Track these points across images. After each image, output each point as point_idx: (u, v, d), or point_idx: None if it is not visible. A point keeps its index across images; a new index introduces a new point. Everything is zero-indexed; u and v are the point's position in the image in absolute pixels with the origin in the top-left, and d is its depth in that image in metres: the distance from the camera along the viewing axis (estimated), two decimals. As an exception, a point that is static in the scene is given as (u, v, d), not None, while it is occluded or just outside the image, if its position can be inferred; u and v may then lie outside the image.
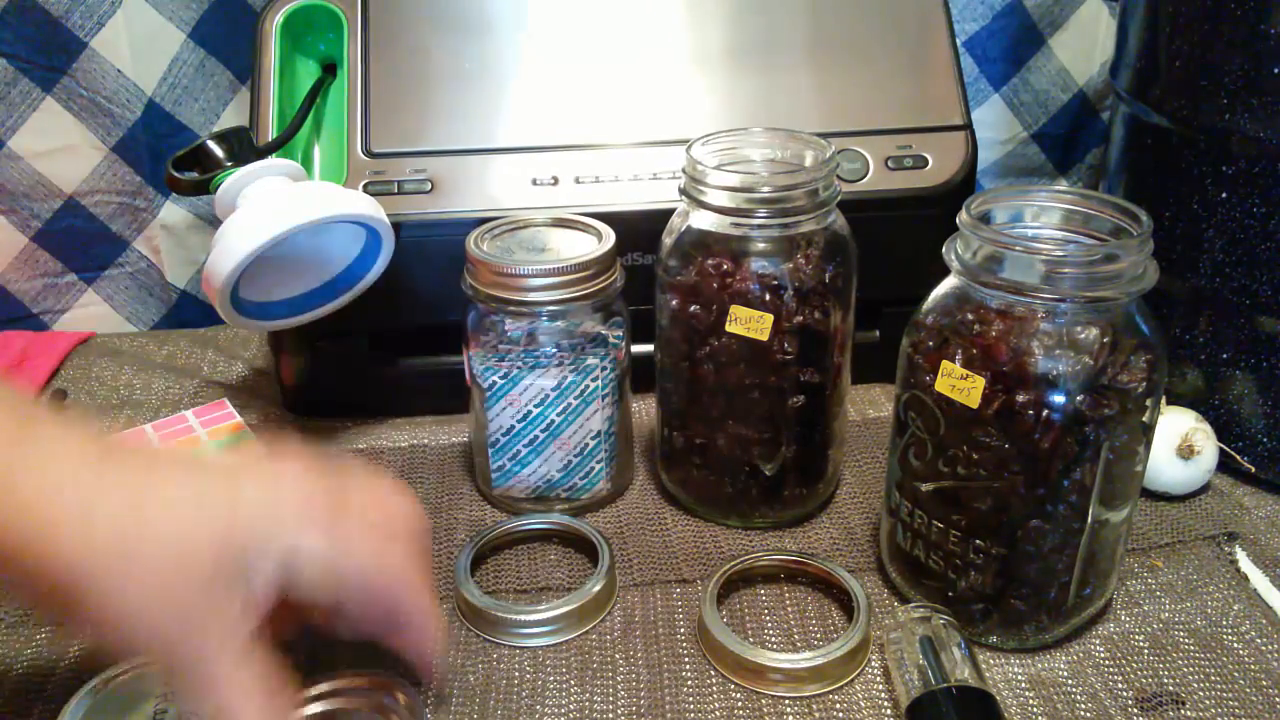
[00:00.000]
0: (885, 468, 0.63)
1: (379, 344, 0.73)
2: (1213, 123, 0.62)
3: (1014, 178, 0.98)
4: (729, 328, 0.57)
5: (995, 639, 0.54)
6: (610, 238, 0.61)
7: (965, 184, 0.72)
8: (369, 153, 0.70)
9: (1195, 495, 0.65)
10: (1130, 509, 0.53)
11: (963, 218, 0.50)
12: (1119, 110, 0.72)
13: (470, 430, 0.67)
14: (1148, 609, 0.57)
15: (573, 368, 0.60)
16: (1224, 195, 0.62)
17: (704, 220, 0.58)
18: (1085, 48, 0.92)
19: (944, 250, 0.51)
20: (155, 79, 0.84)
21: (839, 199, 0.58)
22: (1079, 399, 0.47)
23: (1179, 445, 0.63)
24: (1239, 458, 0.66)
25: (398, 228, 0.66)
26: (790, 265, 0.57)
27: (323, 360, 0.73)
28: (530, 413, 0.61)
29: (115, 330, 0.91)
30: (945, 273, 0.51)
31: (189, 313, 0.93)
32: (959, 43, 0.83)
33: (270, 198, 0.60)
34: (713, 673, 0.53)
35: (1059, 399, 0.47)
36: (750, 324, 0.56)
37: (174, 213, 0.89)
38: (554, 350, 0.60)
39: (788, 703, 0.51)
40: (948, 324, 0.51)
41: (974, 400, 0.49)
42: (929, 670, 0.49)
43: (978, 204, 0.51)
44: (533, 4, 0.74)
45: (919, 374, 0.52)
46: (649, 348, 0.64)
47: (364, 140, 0.70)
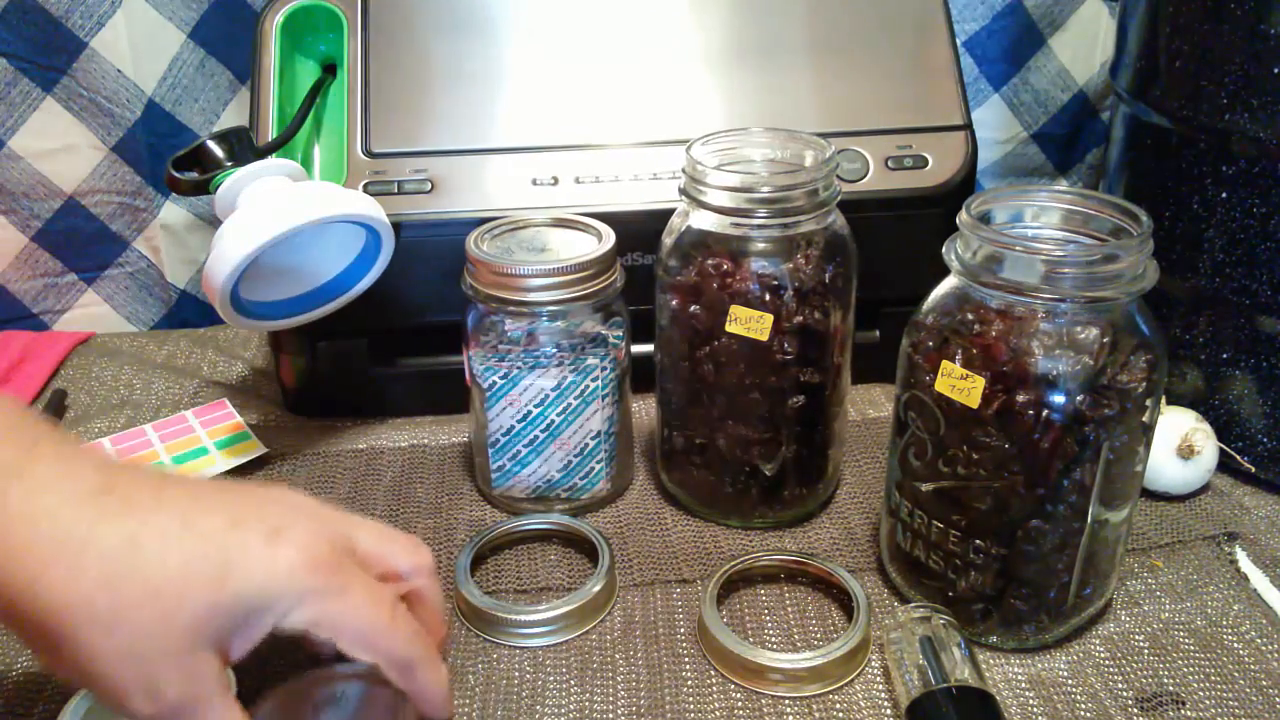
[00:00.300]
0: (885, 468, 0.63)
1: (379, 344, 0.73)
2: (1213, 122, 0.62)
3: (1014, 178, 0.98)
4: (729, 328, 0.57)
5: (995, 639, 0.54)
6: (610, 238, 0.61)
7: (965, 184, 0.72)
8: (369, 153, 0.70)
9: (1195, 495, 0.65)
10: (1130, 509, 0.53)
11: (963, 218, 0.50)
12: (1119, 110, 0.72)
13: (470, 430, 0.67)
14: (1148, 609, 0.57)
15: (573, 368, 0.60)
16: (1224, 195, 0.62)
17: (704, 220, 0.58)
18: (1085, 47, 0.92)
19: (944, 250, 0.51)
20: (155, 79, 0.84)
21: (839, 199, 0.58)
22: (1079, 399, 0.47)
23: (1179, 445, 0.63)
24: (1239, 458, 0.66)
25: (398, 228, 0.65)
26: (790, 265, 0.57)
27: (323, 360, 0.73)
28: (530, 413, 0.61)
29: (115, 330, 0.91)
30: (945, 273, 0.51)
31: (189, 313, 0.93)
32: (959, 42, 0.83)
33: (270, 198, 0.60)
34: (713, 673, 0.53)
35: (1059, 399, 0.47)
36: (750, 324, 0.56)
37: (174, 213, 0.89)
38: (554, 350, 0.60)
39: (788, 703, 0.51)
40: (948, 324, 0.51)
41: (974, 400, 0.49)
42: (929, 670, 0.49)
43: (978, 204, 0.51)
44: (533, 4, 0.74)
45: (919, 374, 0.52)
46: (649, 348, 0.64)
47: (364, 140, 0.70)
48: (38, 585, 0.37)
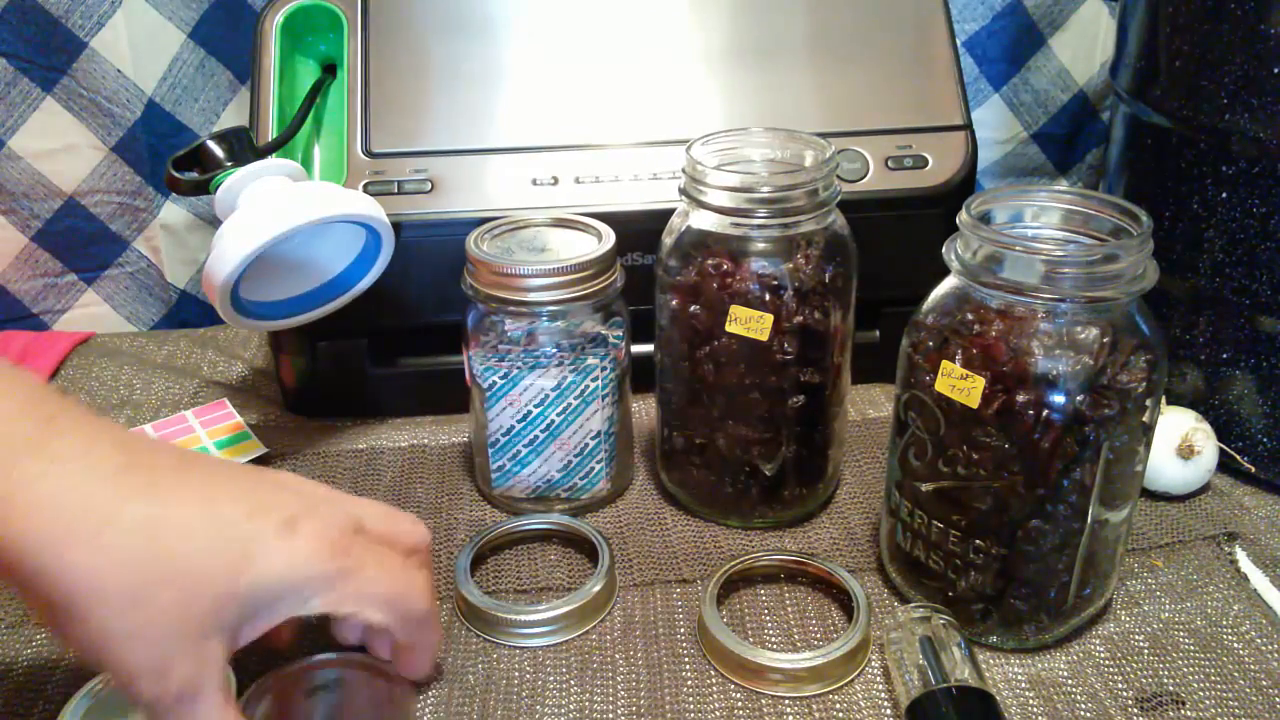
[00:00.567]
0: (885, 468, 0.63)
1: (379, 344, 0.73)
2: (1213, 122, 0.62)
3: (1014, 178, 0.98)
4: (729, 328, 0.57)
5: (995, 639, 0.54)
6: (610, 238, 0.61)
7: (965, 184, 0.72)
8: (369, 153, 0.70)
9: (1195, 495, 0.65)
10: (1130, 509, 0.53)
11: (963, 218, 0.50)
12: (1119, 110, 0.72)
13: (470, 430, 0.67)
14: (1148, 609, 0.57)
15: (573, 368, 0.60)
16: (1224, 195, 0.62)
17: (704, 220, 0.58)
18: (1085, 47, 0.92)
19: (944, 250, 0.51)
20: (155, 79, 0.84)
21: (839, 199, 0.58)
22: (1079, 399, 0.47)
23: (1179, 445, 0.63)
24: (1239, 458, 0.66)
25: (398, 228, 0.66)
26: (790, 265, 0.57)
27: (323, 360, 0.73)
28: (530, 413, 0.61)
29: (115, 330, 0.91)
30: (945, 273, 0.51)
31: (189, 313, 0.93)
32: (959, 43, 0.83)
33: (270, 198, 0.60)
34: (713, 673, 0.53)
35: (1059, 399, 0.47)
36: (750, 324, 0.56)
37: (174, 213, 0.89)
38: (554, 350, 0.60)
39: (788, 703, 0.51)
40: (948, 324, 0.51)
41: (974, 400, 0.49)
42: (929, 670, 0.49)
43: (978, 204, 0.51)
44: (533, 4, 0.74)
45: (919, 374, 0.52)
46: (649, 348, 0.64)
47: (364, 140, 0.70)
48: (58, 561, 0.37)
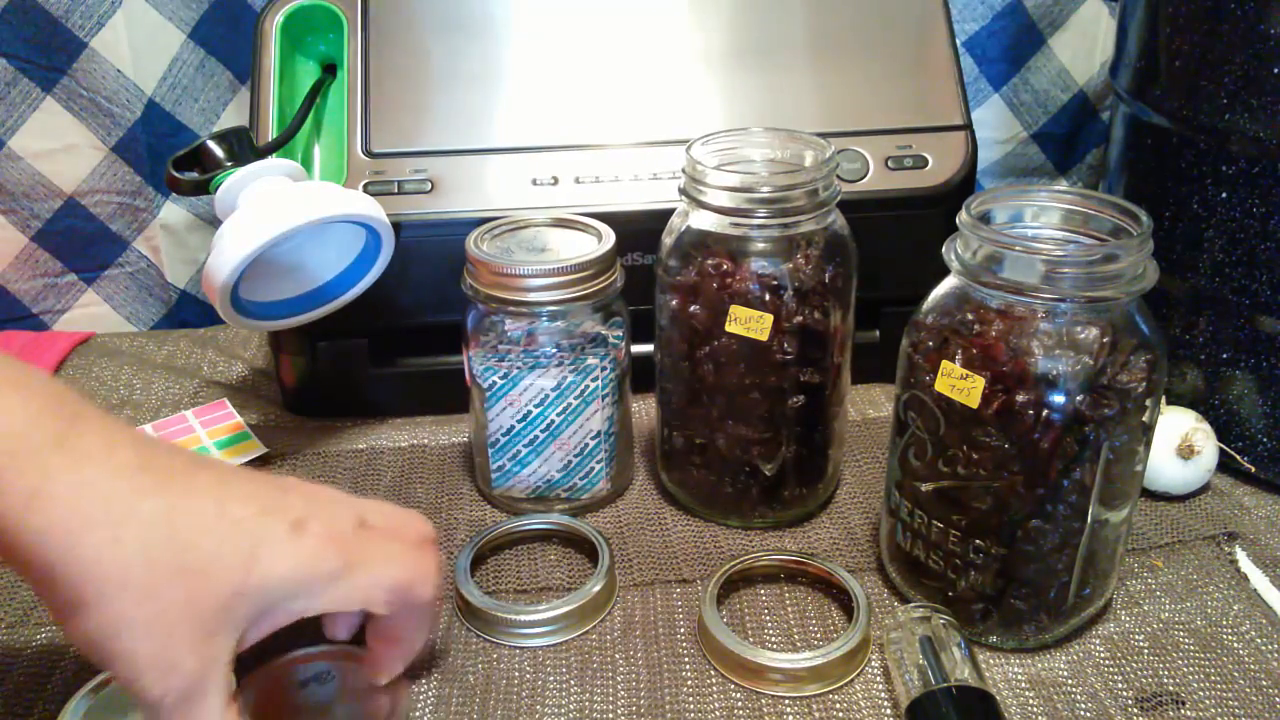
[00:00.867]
0: (885, 468, 0.63)
1: (379, 344, 0.73)
2: (1213, 122, 0.62)
3: (1014, 178, 0.98)
4: (729, 328, 0.57)
5: (995, 639, 0.54)
6: (610, 238, 0.61)
7: (965, 184, 0.72)
8: (369, 153, 0.70)
9: (1195, 495, 0.65)
10: (1130, 509, 0.53)
11: (962, 218, 0.50)
12: (1119, 110, 0.72)
13: (470, 430, 0.67)
14: (1148, 609, 0.57)
15: (573, 368, 0.60)
16: (1224, 195, 0.62)
17: (704, 220, 0.58)
18: (1085, 47, 0.92)
19: (944, 250, 0.51)
20: (155, 79, 0.84)
21: (839, 199, 0.58)
22: (1079, 399, 0.47)
23: (1179, 445, 0.63)
24: (1239, 457, 0.66)
25: (398, 228, 0.66)
26: (790, 265, 0.57)
27: (323, 360, 0.73)
28: (530, 413, 0.61)
29: (115, 330, 0.91)
30: (945, 273, 0.51)
31: (189, 313, 0.93)
32: (959, 43, 0.83)
33: (270, 198, 0.60)
34: (713, 673, 0.53)
35: (1059, 399, 0.47)
36: (750, 324, 0.56)
37: (174, 213, 0.89)
38: (554, 350, 0.60)
39: (787, 703, 0.51)
40: (947, 324, 0.51)
41: (974, 400, 0.49)
42: (929, 670, 0.49)
43: (977, 204, 0.51)
44: (533, 4, 0.74)
45: (919, 374, 0.52)
46: (649, 348, 0.64)
47: (364, 140, 0.70)
48: (75, 551, 0.37)
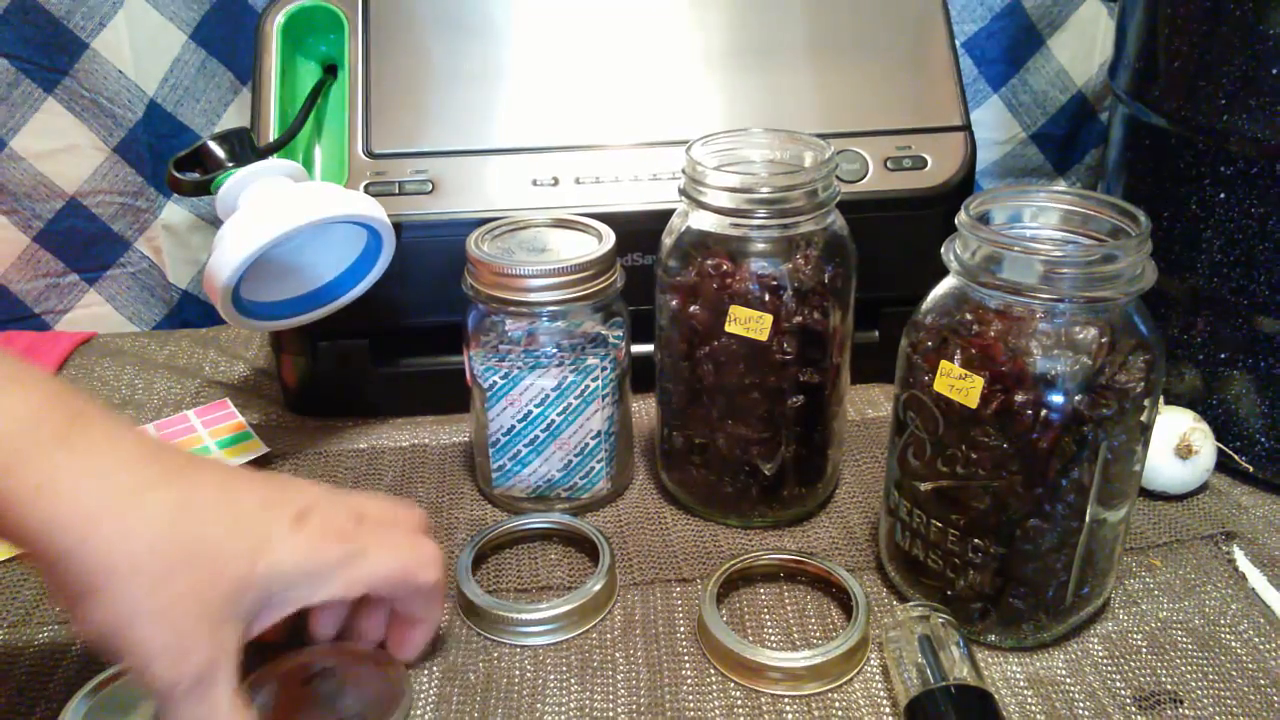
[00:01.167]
0: (884, 467, 0.63)
1: (380, 344, 0.73)
2: (1211, 123, 0.62)
3: (1013, 178, 0.98)
4: (728, 328, 0.57)
5: (994, 638, 0.54)
6: (610, 238, 0.61)
7: (964, 184, 0.72)
8: (370, 153, 0.70)
9: (1193, 495, 0.66)
10: (1128, 508, 0.53)
11: (961, 218, 0.50)
12: (1117, 111, 0.72)
13: (471, 430, 0.68)
14: (1146, 608, 0.57)
15: (573, 368, 0.61)
16: (1222, 196, 0.62)
17: (704, 221, 0.58)
18: (1084, 48, 0.93)
19: (943, 250, 0.51)
20: (157, 80, 0.84)
21: (838, 199, 0.58)
22: (1077, 399, 0.48)
23: (1177, 445, 0.63)
24: (1237, 457, 0.66)
25: (399, 228, 0.66)
26: (789, 265, 0.57)
27: (324, 360, 0.73)
28: (530, 413, 0.62)
29: (117, 330, 0.91)
30: (944, 273, 0.51)
31: (190, 313, 0.93)
32: (958, 43, 0.84)
33: (271, 198, 0.60)
34: (712, 671, 0.53)
35: (1057, 399, 0.48)
36: (750, 324, 0.57)
37: (175, 213, 0.89)
38: (554, 350, 0.60)
39: (787, 701, 0.51)
40: (946, 324, 0.51)
41: (972, 400, 0.49)
42: (928, 669, 0.49)
43: (976, 204, 0.51)
44: (533, 5, 0.74)
45: (918, 374, 0.52)
46: (649, 348, 0.64)
47: (365, 141, 0.70)
48: (86, 542, 0.38)
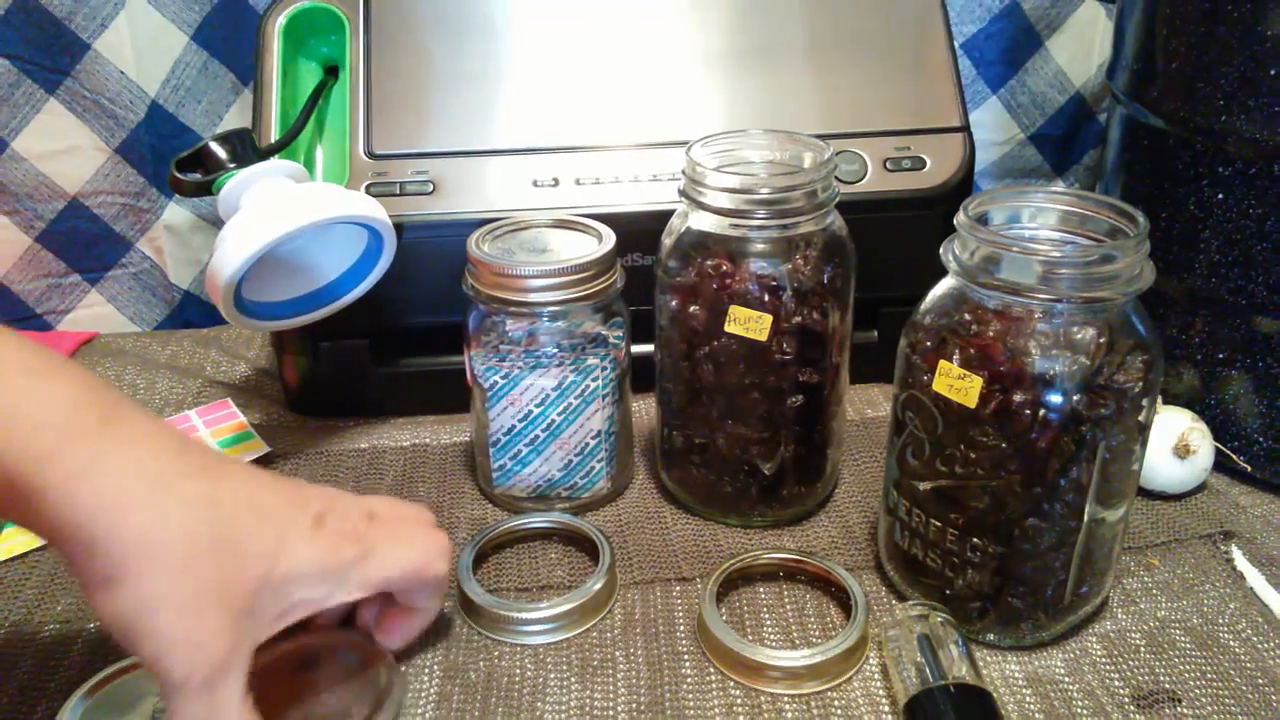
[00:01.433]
0: (883, 467, 0.63)
1: (381, 344, 0.73)
2: (1209, 124, 0.62)
3: (1011, 179, 0.98)
4: (728, 328, 0.57)
5: (992, 637, 0.54)
6: (610, 239, 0.61)
7: (963, 185, 0.72)
8: (371, 154, 0.70)
9: (1191, 494, 0.66)
10: (1126, 508, 0.53)
11: (960, 219, 0.50)
12: (1116, 112, 0.73)
13: (471, 430, 0.68)
14: (1144, 607, 0.57)
15: (573, 368, 0.61)
16: (1220, 196, 0.62)
17: (703, 221, 0.58)
18: (1082, 49, 0.93)
19: (941, 251, 0.51)
20: (158, 81, 0.84)
21: (837, 200, 0.58)
22: (1076, 399, 0.48)
23: (1175, 445, 0.64)
24: (1235, 457, 0.66)
25: (399, 229, 0.66)
26: (789, 266, 0.57)
27: (325, 360, 0.73)
28: (531, 412, 0.62)
29: (118, 330, 0.91)
30: (943, 273, 0.52)
31: (192, 313, 0.93)
32: (956, 44, 0.84)
33: (273, 199, 0.60)
34: (712, 670, 0.53)
35: (1056, 399, 0.48)
36: (749, 324, 0.57)
37: (177, 214, 0.89)
38: (554, 350, 0.61)
39: (786, 700, 0.51)
40: (945, 324, 0.51)
41: (971, 400, 0.49)
42: (927, 668, 0.49)
43: (975, 205, 0.51)
44: (533, 6, 0.74)
45: (917, 374, 0.52)
46: (649, 348, 0.64)
47: (366, 141, 0.71)
48: (120, 527, 0.39)
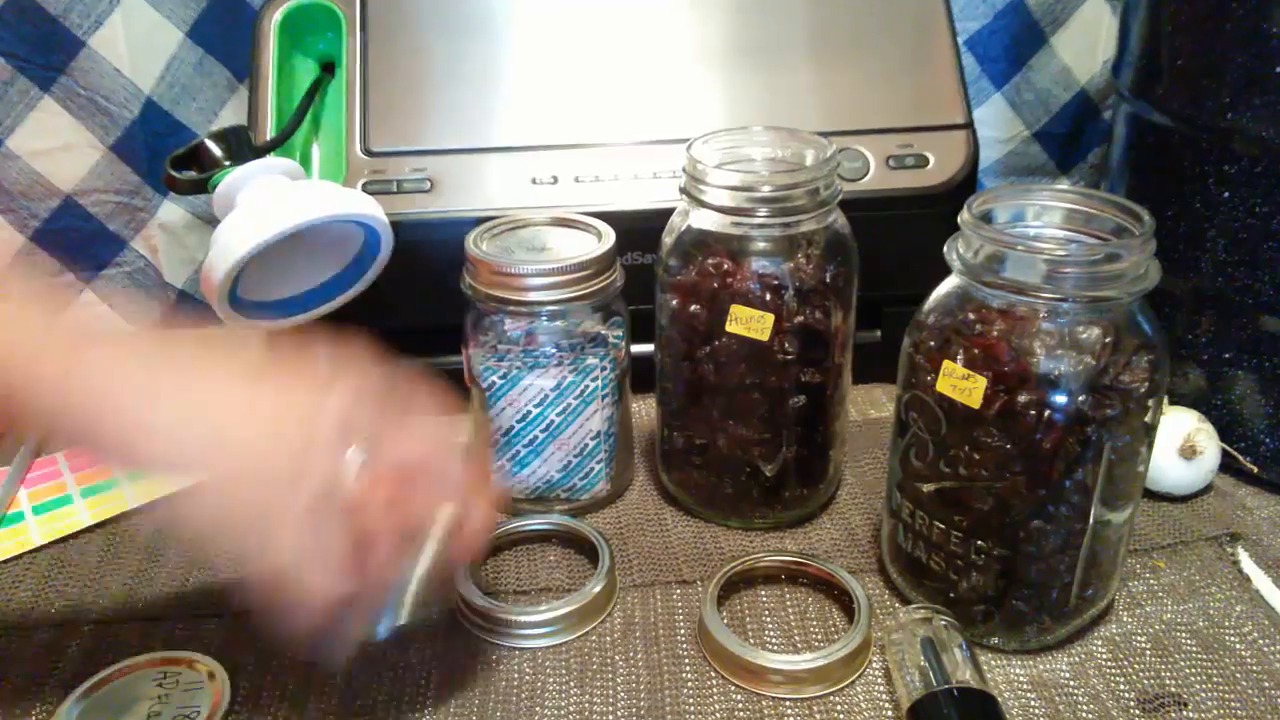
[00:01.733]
0: (886, 468, 0.63)
1: (377, 343, 0.73)
2: (1215, 121, 0.61)
3: (1015, 177, 0.98)
4: (729, 327, 0.57)
5: (997, 640, 0.54)
6: (610, 237, 0.61)
7: (967, 183, 0.72)
8: (368, 152, 0.70)
9: (1197, 496, 0.65)
10: (1132, 509, 0.53)
11: (964, 217, 0.50)
12: (1121, 109, 0.72)
13: (470, 431, 0.67)
14: (1150, 610, 0.57)
15: (572, 368, 0.60)
16: (1226, 194, 0.62)
17: (704, 219, 0.58)
18: (1087, 46, 0.92)
19: (945, 250, 0.51)
20: (153, 78, 0.84)
21: (840, 198, 0.58)
22: (1081, 399, 0.47)
23: (1181, 445, 0.63)
24: (1241, 458, 0.66)
25: (396, 227, 0.65)
26: (791, 265, 0.57)
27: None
28: (530, 413, 0.61)
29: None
30: (946, 272, 0.51)
31: (187, 312, 0.93)
32: (960, 41, 0.83)
33: (268, 197, 0.60)
34: (713, 674, 0.53)
35: (1061, 399, 0.47)
36: (751, 324, 0.56)
37: (172, 212, 0.89)
38: (554, 350, 0.60)
39: (788, 704, 0.51)
40: (949, 324, 0.51)
41: (975, 400, 0.48)
42: (930, 671, 0.49)
43: (979, 203, 0.51)
44: (533, 4, 0.74)
45: (920, 374, 0.51)
46: (649, 348, 0.64)
47: (363, 139, 0.70)
48: (219, 445, 0.44)
